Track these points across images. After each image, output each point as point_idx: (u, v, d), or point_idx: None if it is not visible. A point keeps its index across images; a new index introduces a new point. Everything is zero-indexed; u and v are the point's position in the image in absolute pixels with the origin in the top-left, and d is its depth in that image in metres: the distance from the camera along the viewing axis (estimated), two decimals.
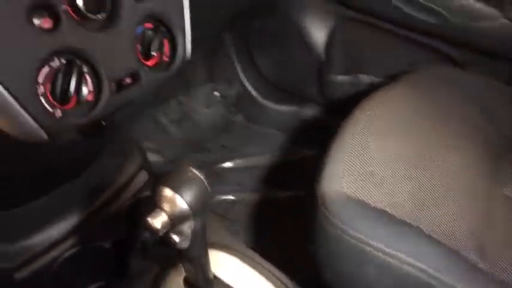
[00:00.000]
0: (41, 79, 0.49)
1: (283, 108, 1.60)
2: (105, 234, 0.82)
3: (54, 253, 0.75)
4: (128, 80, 0.59)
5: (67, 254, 0.77)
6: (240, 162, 1.49)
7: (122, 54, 0.57)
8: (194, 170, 0.57)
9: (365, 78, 1.38)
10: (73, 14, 0.51)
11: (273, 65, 1.52)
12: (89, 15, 0.51)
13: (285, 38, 1.43)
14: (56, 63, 0.50)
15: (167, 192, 0.54)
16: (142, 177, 0.92)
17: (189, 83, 1.59)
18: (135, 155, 0.93)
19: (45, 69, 0.50)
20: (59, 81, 0.50)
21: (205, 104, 1.63)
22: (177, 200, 0.53)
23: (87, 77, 0.54)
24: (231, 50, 1.55)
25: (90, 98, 0.55)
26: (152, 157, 1.45)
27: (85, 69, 0.53)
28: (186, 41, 0.66)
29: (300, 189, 1.34)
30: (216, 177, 1.45)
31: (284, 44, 1.45)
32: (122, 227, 0.83)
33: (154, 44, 0.61)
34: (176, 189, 0.54)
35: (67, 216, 0.78)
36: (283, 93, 1.58)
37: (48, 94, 0.50)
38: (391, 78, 1.34)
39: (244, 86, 1.62)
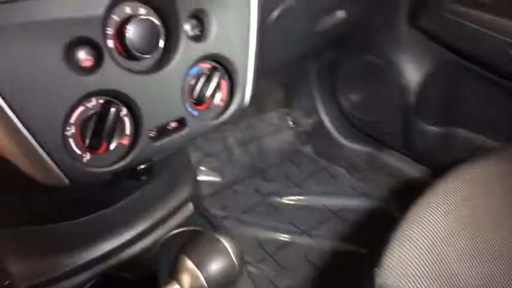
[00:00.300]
0: (73, 119, 0.44)
1: (358, 147, 1.46)
2: (133, 265, 0.77)
3: (76, 278, 0.72)
4: (172, 125, 0.52)
5: (90, 281, 0.73)
6: (300, 199, 1.38)
7: (168, 98, 0.50)
8: (225, 241, 0.49)
9: (461, 133, 1.20)
10: (118, 53, 0.45)
11: (356, 101, 1.39)
12: (138, 54, 0.45)
13: (374, 76, 1.29)
14: (92, 103, 0.45)
15: (188, 264, 0.46)
16: (187, 211, 0.86)
17: (263, 105, 1.52)
18: (184, 186, 0.87)
19: (80, 109, 0.44)
20: (92, 124, 0.45)
21: (275, 130, 1.55)
22: (197, 277, 0.45)
23: (125, 120, 0.48)
24: (313, 79, 1.45)
25: (125, 141, 0.48)
26: (210, 175, 1.40)
27: (123, 111, 0.47)
28: (247, 87, 0.58)
29: (362, 246, 1.20)
30: (272, 210, 1.35)
31: (372, 81, 1.31)
32: (151, 262, 0.77)
33: (209, 87, 0.53)
34: (199, 263, 0.46)
35: (98, 242, 0.74)
36: (361, 132, 1.44)
37: (79, 136, 0.45)
38: (492, 139, 1.15)
39: (320, 117, 1.51)
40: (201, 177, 1.36)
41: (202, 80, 0.53)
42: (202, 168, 1.39)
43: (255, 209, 1.34)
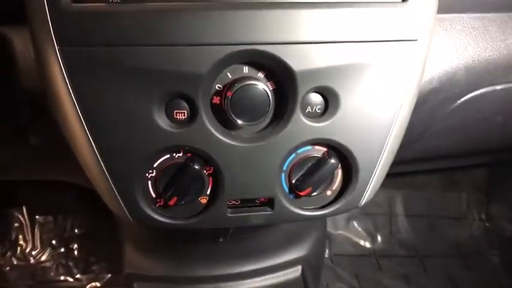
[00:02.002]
0: (155, 164, 0.43)
1: None
2: None
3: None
4: (257, 201, 0.46)
5: None
6: None
7: (262, 174, 0.44)
8: None
9: None
10: (215, 114, 0.42)
11: None
12: (236, 121, 0.41)
13: None
14: (179, 153, 0.43)
15: None
16: (292, 273, 0.78)
17: (453, 179, 1.27)
18: (300, 246, 0.80)
19: (165, 157, 0.43)
20: (172, 173, 0.43)
21: (458, 216, 1.27)
22: None
23: (206, 179, 0.44)
24: None
25: (203, 200, 0.45)
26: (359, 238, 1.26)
27: (208, 170, 0.44)
28: (368, 187, 0.46)
29: None
30: None
31: None
32: None
33: (317, 174, 0.44)
34: None
35: (206, 266, 0.75)
36: None
37: (156, 182, 0.44)
38: None
39: None
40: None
41: (309, 163, 0.45)
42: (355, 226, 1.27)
43: None
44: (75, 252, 1.21)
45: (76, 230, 1.23)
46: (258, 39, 0.39)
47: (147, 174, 0.43)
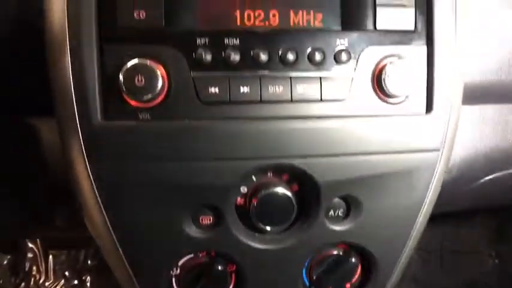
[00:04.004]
0: (180, 262, 0.44)
1: None
2: None
3: None
4: None
5: None
6: None
7: (283, 276, 0.45)
8: None
9: None
10: (240, 219, 0.43)
11: None
12: (261, 227, 0.42)
13: None
14: (202, 252, 0.44)
15: None
16: None
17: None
18: None
19: (189, 256, 0.44)
20: (194, 273, 0.44)
21: None
22: None
23: (229, 279, 0.45)
24: None
25: None
26: None
27: (229, 268, 0.45)
28: (391, 281, 0.47)
29: None
30: None
31: None
32: None
33: (340, 274, 0.45)
34: None
35: None
36: None
37: (180, 279, 0.45)
38: None
39: None
40: None
41: (330, 259, 0.46)
42: None
43: None
44: (88, 284, 1.23)
45: (89, 262, 1.24)
46: (283, 153, 0.40)
47: (171, 272, 0.44)
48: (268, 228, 0.42)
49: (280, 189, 0.41)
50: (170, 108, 0.39)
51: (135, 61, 0.37)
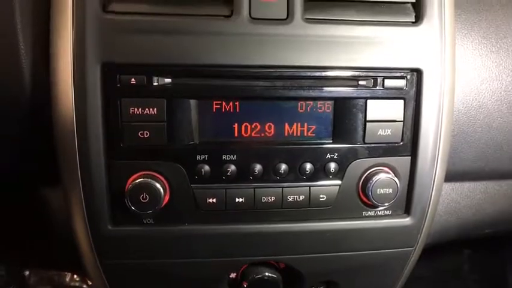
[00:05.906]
0: None
1: None
2: None
3: None
4: None
5: None
6: None
7: None
8: None
9: None
10: None
11: None
12: None
13: None
14: None
15: None
16: None
17: None
18: None
19: None
20: None
21: None
22: None
23: None
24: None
25: None
26: None
27: None
28: None
29: None
30: None
31: None
32: None
33: None
34: None
35: None
36: None
37: None
38: None
39: None
40: None
41: None
42: None
43: None
44: None
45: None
46: (271, 253, 0.46)
47: None
48: None
49: (269, 274, 0.46)
50: (171, 214, 0.43)
51: (140, 180, 0.41)
